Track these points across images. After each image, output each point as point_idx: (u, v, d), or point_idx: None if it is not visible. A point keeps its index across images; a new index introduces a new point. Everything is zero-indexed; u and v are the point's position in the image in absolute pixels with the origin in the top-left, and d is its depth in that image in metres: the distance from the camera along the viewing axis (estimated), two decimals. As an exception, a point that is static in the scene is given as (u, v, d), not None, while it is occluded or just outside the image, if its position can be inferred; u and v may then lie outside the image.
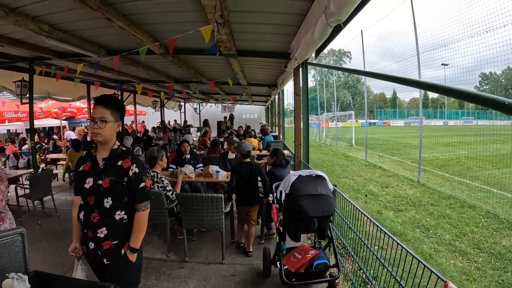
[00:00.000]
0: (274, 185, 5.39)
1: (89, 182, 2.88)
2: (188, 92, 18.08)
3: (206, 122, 21.71)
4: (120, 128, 3.11)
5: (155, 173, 6.13)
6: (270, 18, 5.95)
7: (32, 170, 10.28)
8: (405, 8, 14.78)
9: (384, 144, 29.44)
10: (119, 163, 2.90)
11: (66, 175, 12.69)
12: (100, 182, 2.84)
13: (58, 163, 14.80)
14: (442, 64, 16.72)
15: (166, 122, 27.56)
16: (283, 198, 4.49)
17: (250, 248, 6.17)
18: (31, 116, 10.23)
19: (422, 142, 15.11)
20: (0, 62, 9.44)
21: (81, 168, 3.01)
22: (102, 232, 2.84)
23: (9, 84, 10.44)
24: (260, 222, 6.79)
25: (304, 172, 4.43)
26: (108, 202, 2.84)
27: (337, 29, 5.14)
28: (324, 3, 4.21)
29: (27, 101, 10.11)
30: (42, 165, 13.25)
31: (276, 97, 18.60)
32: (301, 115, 8.22)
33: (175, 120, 31.98)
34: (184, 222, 5.84)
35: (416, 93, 15.09)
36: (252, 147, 12.53)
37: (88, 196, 2.88)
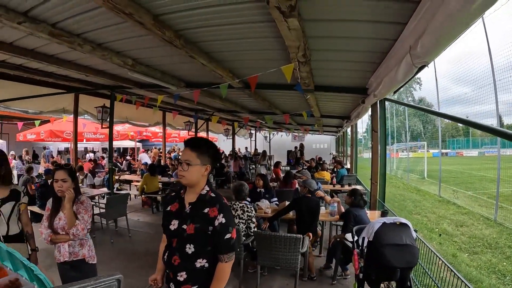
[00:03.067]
0: (354, 229, 5.25)
1: (174, 224, 2.81)
2: (261, 122, 18.25)
3: (264, 153, 21.80)
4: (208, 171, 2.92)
5: (245, 203, 6.25)
6: (349, 56, 5.90)
7: (107, 190, 10.64)
8: (478, 29, 13.97)
9: (457, 177, 27.82)
10: (206, 210, 2.75)
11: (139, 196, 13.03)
12: (184, 226, 2.74)
13: (131, 183, 15.32)
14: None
15: (237, 149, 27.79)
16: (365, 244, 4.35)
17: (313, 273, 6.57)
18: (111, 140, 10.69)
19: (499, 175, 14.06)
20: (84, 89, 9.97)
21: (168, 208, 2.94)
22: (182, 276, 2.75)
23: (91, 108, 11.10)
24: (333, 263, 6.65)
25: (388, 220, 4.28)
26: (190, 249, 2.71)
27: (420, 68, 5.00)
28: (409, 42, 4.10)
29: (107, 124, 10.58)
30: (116, 185, 13.73)
31: (349, 129, 18.27)
32: (379, 153, 7.97)
33: (246, 148, 32.25)
34: (259, 259, 5.82)
35: (491, 120, 14.02)
36: (324, 180, 12.24)
37: (172, 238, 2.83)
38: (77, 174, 11.96)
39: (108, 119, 10.45)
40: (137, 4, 4.00)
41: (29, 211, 4.34)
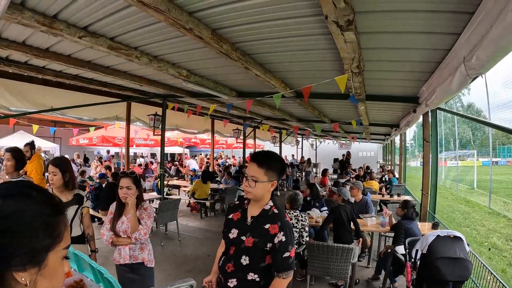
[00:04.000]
0: (407, 241, 5.22)
1: (233, 233, 2.83)
2: (309, 131, 18.24)
3: (309, 161, 21.69)
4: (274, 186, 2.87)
5: (298, 212, 6.32)
6: (402, 66, 5.88)
7: (156, 194, 10.90)
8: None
9: (508, 187, 26.33)
10: (267, 226, 2.72)
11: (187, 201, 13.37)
12: (243, 238, 2.75)
13: (180, 188, 15.66)
14: None
15: (283, 157, 27.60)
16: (418, 257, 4.34)
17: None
18: (163, 146, 11.03)
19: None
20: (137, 97, 10.30)
21: (230, 216, 2.97)
22: (232, 283, 2.77)
23: (143, 115, 11.47)
24: (382, 274, 6.60)
25: (442, 232, 4.27)
26: (245, 260, 2.73)
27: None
28: (463, 53, 4.06)
29: (158, 131, 10.93)
30: (166, 189, 14.05)
31: (397, 137, 17.96)
32: (430, 163, 7.84)
33: (293, 155, 31.91)
34: (309, 268, 5.80)
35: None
36: (373, 190, 12.01)
37: (230, 246, 2.84)
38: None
39: (160, 126, 10.72)
40: (197, 20, 4.16)
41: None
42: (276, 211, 2.82)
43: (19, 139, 15.88)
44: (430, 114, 7.91)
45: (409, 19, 3.91)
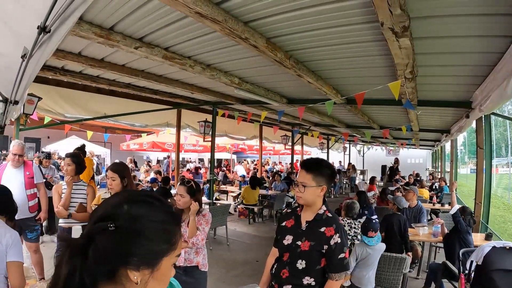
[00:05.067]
0: (461, 252, 5.12)
1: (288, 239, 2.88)
2: (358, 137, 18.14)
3: (353, 167, 21.50)
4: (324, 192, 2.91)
5: (352, 221, 6.36)
6: (454, 70, 5.79)
7: (206, 199, 11.07)
8: None
9: None
10: (322, 229, 2.79)
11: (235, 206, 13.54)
12: (299, 243, 2.80)
13: (228, 193, 15.89)
14: None
15: (331, 163, 27.14)
16: (472, 268, 4.25)
17: None
18: (213, 152, 11.34)
19: None
20: (188, 105, 10.59)
21: (283, 224, 3.03)
22: None
23: (193, 122, 11.77)
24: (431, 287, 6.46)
25: (498, 244, 4.15)
26: (301, 264, 2.77)
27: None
28: (517, 55, 3.98)
29: (208, 137, 11.14)
30: (216, 194, 14.28)
31: (448, 143, 17.36)
32: (484, 171, 7.55)
33: (340, 162, 31.38)
34: (359, 277, 5.76)
35: None
36: (423, 199, 11.64)
37: (285, 252, 2.89)
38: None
39: (209, 133, 10.90)
40: (253, 29, 4.27)
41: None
42: (330, 215, 2.89)
43: (72, 144, 16.55)
44: (483, 119, 7.67)
45: (462, 23, 3.88)
